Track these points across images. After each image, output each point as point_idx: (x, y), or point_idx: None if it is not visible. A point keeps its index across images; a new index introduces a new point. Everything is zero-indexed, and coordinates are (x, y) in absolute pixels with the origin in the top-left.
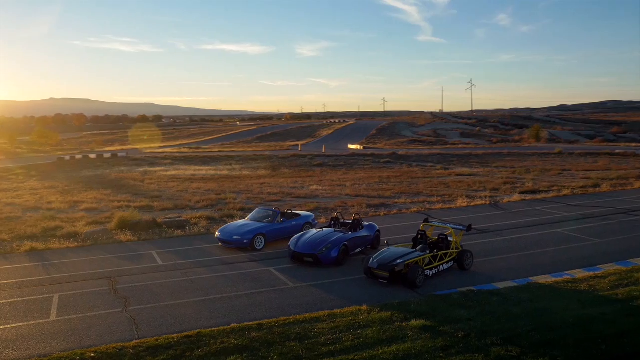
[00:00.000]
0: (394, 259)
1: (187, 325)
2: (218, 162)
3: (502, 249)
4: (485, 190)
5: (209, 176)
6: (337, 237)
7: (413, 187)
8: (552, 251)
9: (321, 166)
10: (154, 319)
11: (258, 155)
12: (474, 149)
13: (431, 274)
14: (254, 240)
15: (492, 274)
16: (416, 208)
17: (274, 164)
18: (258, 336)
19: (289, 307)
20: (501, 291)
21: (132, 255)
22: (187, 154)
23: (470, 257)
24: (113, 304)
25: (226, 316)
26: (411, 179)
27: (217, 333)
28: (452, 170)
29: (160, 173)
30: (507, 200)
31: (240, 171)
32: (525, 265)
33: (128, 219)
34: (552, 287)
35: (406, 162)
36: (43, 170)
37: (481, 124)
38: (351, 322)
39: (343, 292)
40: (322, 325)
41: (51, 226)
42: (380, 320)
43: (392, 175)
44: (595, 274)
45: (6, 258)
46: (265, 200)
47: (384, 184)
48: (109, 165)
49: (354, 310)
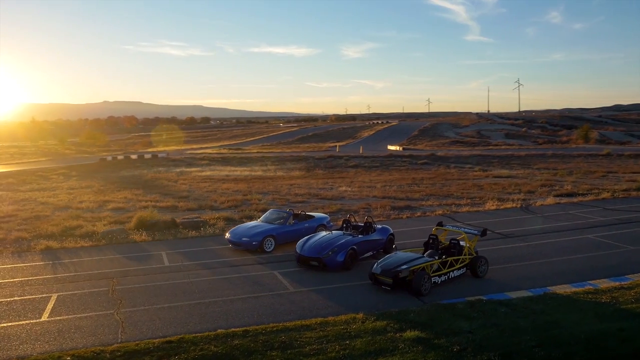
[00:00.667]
0: (398, 264)
1: (174, 329)
2: (254, 163)
3: (523, 255)
4: (519, 193)
5: (242, 177)
6: (344, 241)
7: (445, 189)
8: (577, 258)
9: (356, 167)
10: (142, 321)
11: (294, 156)
12: (517, 150)
13: (440, 281)
14: (263, 242)
15: (507, 282)
16: (441, 211)
17: (309, 165)
18: (240, 344)
19: (283, 313)
20: (512, 301)
21: (142, 255)
22: (225, 154)
23: (485, 264)
24: (107, 306)
25: (215, 321)
26: (445, 181)
27: (199, 339)
28: (490, 172)
29: (195, 173)
30: (540, 204)
31: (275, 172)
32: (545, 274)
33: (147, 219)
34: (569, 298)
35: (444, 164)
36: (84, 170)
37: (528, 124)
38: (342, 332)
39: (343, 299)
40: (311, 333)
41: (72, 225)
42: (373, 330)
43: (426, 176)
44: (621, 284)
45: (20, 256)
46: (291, 201)
47: (416, 186)
48: (147, 165)
49: (348, 318)
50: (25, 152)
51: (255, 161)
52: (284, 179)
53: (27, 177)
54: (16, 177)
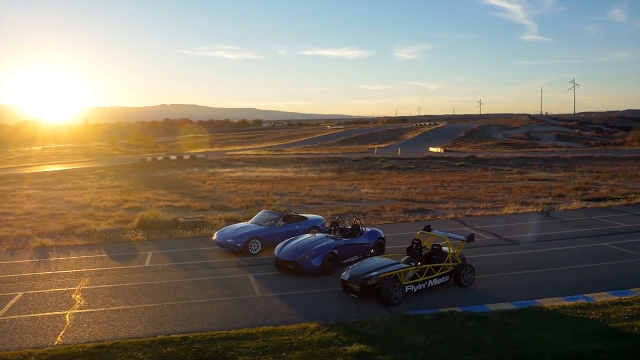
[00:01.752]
0: (368, 270)
1: (116, 333)
2: (288, 164)
3: (524, 263)
4: (548, 197)
5: (270, 178)
6: (323, 244)
7: (470, 192)
8: (583, 268)
9: (390, 169)
10: (89, 324)
11: (330, 157)
12: (563, 152)
13: (415, 290)
14: (248, 244)
15: (492, 293)
16: (453, 214)
17: (343, 166)
18: (171, 352)
19: (237, 319)
20: (487, 315)
21: (127, 255)
22: (262, 156)
23: (470, 273)
24: (63, 306)
25: (162, 325)
26: (475, 183)
27: (132, 345)
28: (528, 174)
29: (226, 174)
30: (564, 208)
31: (306, 173)
32: (540, 284)
33: (149, 219)
34: (555, 312)
35: (482, 166)
36: (122, 170)
37: (582, 126)
38: (284, 342)
39: (308, 306)
40: (251, 343)
41: (76, 224)
42: (318, 342)
43: (458, 179)
44: (620, 299)
45: (12, 253)
46: (306, 202)
47: (442, 189)
48: (184, 166)
49: (300, 328)
50: (76, 152)
51: (290, 162)
52: (311, 180)
53: (64, 177)
54: (55, 177)
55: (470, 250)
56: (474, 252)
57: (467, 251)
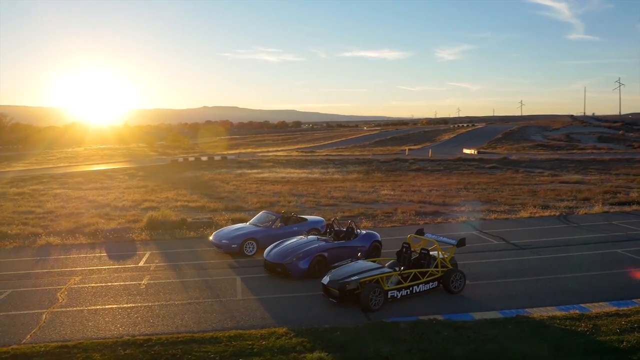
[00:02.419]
0: (349, 275)
1: (85, 333)
2: (316, 166)
3: (526, 269)
4: (573, 200)
5: (295, 179)
6: (312, 247)
7: (492, 195)
8: (587, 276)
9: (417, 171)
10: (63, 323)
11: (360, 159)
12: (602, 154)
13: (399, 296)
14: (243, 245)
15: (482, 301)
16: (465, 217)
17: (370, 168)
18: (129, 354)
19: (209, 321)
20: (468, 324)
21: (125, 254)
22: (293, 157)
23: (461, 279)
24: (45, 304)
25: (134, 326)
26: (501, 186)
27: (93, 346)
28: (559, 177)
29: (253, 175)
30: (584, 212)
31: (332, 175)
32: (535, 292)
33: (157, 219)
34: (540, 323)
35: (513, 168)
36: (152, 171)
37: (627, 127)
38: (246, 348)
39: (286, 310)
40: (212, 347)
41: (87, 223)
42: (280, 349)
43: (484, 181)
44: (618, 309)
45: (17, 251)
46: (322, 204)
47: (465, 191)
48: (213, 167)
49: (268, 332)
50: (115, 153)
51: (318, 164)
52: (335, 181)
53: (96, 177)
54: (86, 177)
55: (473, 255)
56: (475, 257)
57: (468, 256)
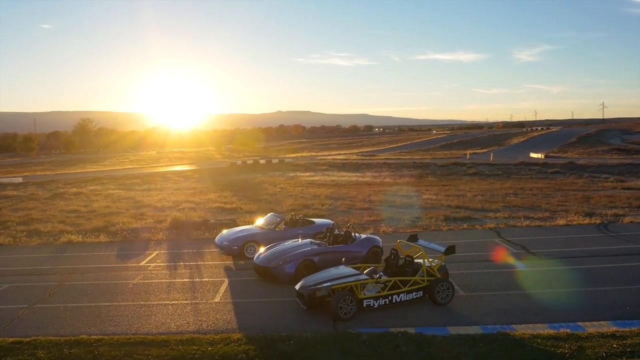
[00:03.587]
0: (321, 281)
1: (49, 330)
2: (370, 169)
3: (532, 281)
4: (626, 208)
5: (344, 182)
6: (301, 251)
7: (539, 201)
8: (600, 291)
9: (473, 175)
10: (35, 320)
11: (417, 163)
12: None
13: (377, 305)
14: (243, 247)
15: (467, 314)
16: (494, 224)
17: (425, 172)
18: (73, 353)
19: (171, 324)
20: (436, 339)
21: (132, 253)
22: (349, 160)
23: (448, 289)
24: (30, 300)
25: (100, 325)
26: (555, 191)
27: (46, 343)
28: (627, 183)
29: (303, 178)
30: (630, 220)
31: (383, 178)
32: (531, 307)
33: (180, 219)
34: (519, 342)
35: (578, 173)
36: (208, 173)
37: None
38: (188, 353)
39: (256, 315)
40: (156, 351)
41: (115, 222)
42: (221, 356)
43: (539, 186)
44: (617, 330)
45: (38, 248)
46: (356, 207)
47: (513, 196)
48: (269, 170)
49: (221, 338)
50: (183, 156)
51: (372, 167)
52: (383, 185)
53: (152, 179)
54: (144, 179)
55: (480, 265)
56: (482, 266)
57: (474, 265)
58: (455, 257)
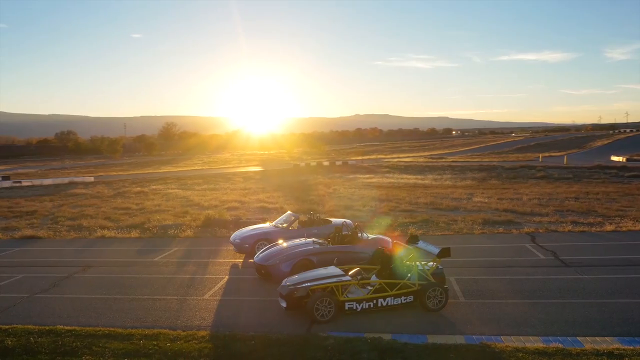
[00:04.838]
0: (303, 281)
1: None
2: (433, 172)
3: (543, 290)
4: None
5: (402, 184)
6: (298, 250)
7: (599, 206)
8: (614, 304)
9: (540, 178)
10: (28, 308)
11: (483, 165)
12: None
13: (360, 308)
14: (255, 245)
15: (455, 322)
16: (534, 228)
17: (489, 174)
18: (36, 342)
19: (148, 318)
20: (407, 347)
21: (152, 249)
22: (413, 163)
23: (441, 295)
24: (35, 290)
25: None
26: (622, 196)
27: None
28: None
29: (361, 180)
30: None
31: (444, 181)
32: (529, 318)
33: (213, 217)
34: (497, 355)
35: None
36: (269, 174)
37: None
38: (143, 347)
39: (235, 314)
40: (116, 344)
41: (154, 219)
42: (173, 353)
43: (607, 190)
44: (618, 347)
45: (70, 241)
46: (399, 209)
47: (574, 200)
48: (330, 172)
49: (185, 335)
50: (252, 158)
51: (436, 170)
52: (440, 187)
53: (214, 179)
54: (206, 179)
55: (494, 270)
56: (496, 272)
57: (488, 270)
58: (467, 261)
